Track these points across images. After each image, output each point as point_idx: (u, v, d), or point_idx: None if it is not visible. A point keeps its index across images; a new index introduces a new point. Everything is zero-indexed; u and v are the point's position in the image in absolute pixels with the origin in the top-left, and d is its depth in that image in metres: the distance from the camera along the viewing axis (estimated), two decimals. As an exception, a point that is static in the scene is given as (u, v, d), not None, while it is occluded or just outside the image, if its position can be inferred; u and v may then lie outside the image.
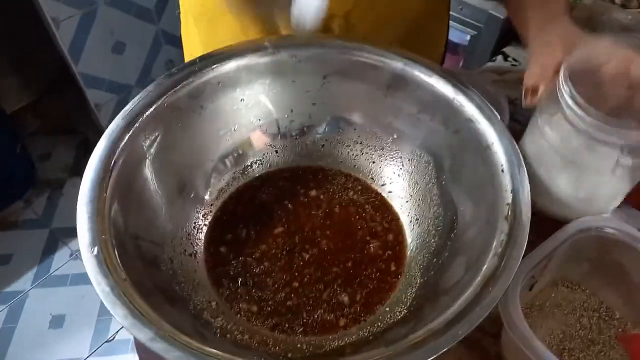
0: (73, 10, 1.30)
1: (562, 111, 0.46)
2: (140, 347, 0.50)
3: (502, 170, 0.44)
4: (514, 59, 0.88)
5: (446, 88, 0.50)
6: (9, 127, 1.54)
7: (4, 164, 1.51)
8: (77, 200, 0.41)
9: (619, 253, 0.47)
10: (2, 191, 1.55)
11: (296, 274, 0.50)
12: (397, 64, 0.52)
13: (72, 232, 1.52)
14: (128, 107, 0.47)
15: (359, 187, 0.56)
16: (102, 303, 0.35)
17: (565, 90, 0.45)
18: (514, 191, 0.42)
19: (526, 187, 0.42)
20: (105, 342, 1.31)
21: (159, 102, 0.48)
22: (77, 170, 1.67)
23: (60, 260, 1.46)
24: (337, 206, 0.55)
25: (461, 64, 1.32)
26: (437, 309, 0.39)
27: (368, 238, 0.52)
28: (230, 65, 0.52)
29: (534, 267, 0.44)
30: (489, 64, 0.88)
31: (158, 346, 0.34)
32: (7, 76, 1.76)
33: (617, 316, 0.50)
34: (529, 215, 0.41)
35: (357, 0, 0.56)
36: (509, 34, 1.10)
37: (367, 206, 0.55)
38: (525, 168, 0.43)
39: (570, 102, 0.44)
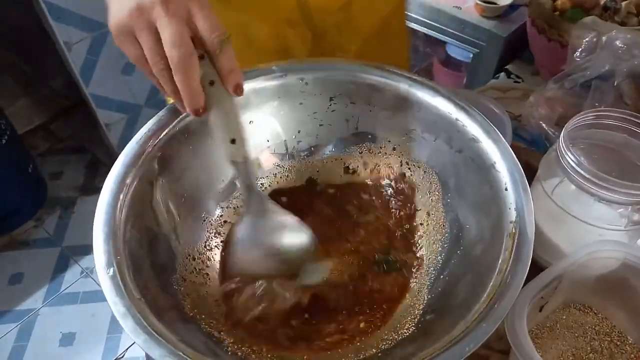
0: (84, 34, 1.34)
1: (569, 177, 0.47)
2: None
3: (506, 189, 0.45)
4: (517, 76, 0.89)
5: (449, 108, 0.51)
6: (21, 147, 1.57)
7: (15, 184, 1.53)
8: (87, 219, 0.42)
9: (632, 277, 0.47)
10: (14, 210, 1.57)
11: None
12: (402, 86, 0.54)
13: (83, 250, 1.53)
14: (142, 132, 0.49)
15: (366, 205, 0.57)
16: (112, 321, 0.37)
17: (571, 159, 0.46)
18: (518, 209, 0.43)
19: (530, 205, 0.43)
20: (115, 359, 1.32)
21: (171, 127, 0.50)
22: (88, 189, 1.69)
23: (71, 279, 1.47)
24: (345, 224, 0.56)
25: (465, 81, 1.34)
26: (445, 327, 0.39)
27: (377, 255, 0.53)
28: (240, 89, 0.54)
29: (542, 288, 0.44)
30: (493, 81, 0.89)
31: (171, 364, 0.35)
32: (19, 98, 1.80)
33: (630, 341, 0.49)
34: (533, 232, 0.41)
35: None
36: (511, 52, 1.13)
37: (374, 223, 0.56)
38: (528, 186, 0.44)
39: (578, 169, 0.45)
